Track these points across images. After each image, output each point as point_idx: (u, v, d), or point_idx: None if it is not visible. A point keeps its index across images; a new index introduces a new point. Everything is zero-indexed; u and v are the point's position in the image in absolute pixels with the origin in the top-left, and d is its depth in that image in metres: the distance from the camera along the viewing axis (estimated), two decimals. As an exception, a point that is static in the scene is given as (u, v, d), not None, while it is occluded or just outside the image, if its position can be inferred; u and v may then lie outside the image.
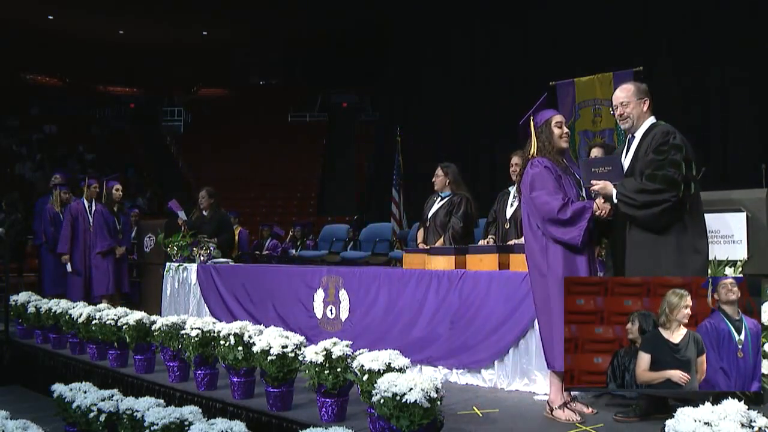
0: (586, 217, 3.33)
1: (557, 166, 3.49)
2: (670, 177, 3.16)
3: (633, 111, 3.42)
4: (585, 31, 9.32)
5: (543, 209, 3.41)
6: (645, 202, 3.18)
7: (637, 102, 3.41)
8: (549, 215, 3.38)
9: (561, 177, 3.46)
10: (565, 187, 3.44)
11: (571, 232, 3.33)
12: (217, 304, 6.22)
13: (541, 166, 3.48)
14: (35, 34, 20.64)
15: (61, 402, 4.07)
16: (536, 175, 3.48)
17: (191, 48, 22.58)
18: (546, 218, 3.40)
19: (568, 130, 3.60)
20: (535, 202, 3.46)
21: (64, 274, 7.54)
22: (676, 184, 3.16)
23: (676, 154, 3.21)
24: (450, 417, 3.26)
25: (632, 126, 3.43)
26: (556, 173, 3.45)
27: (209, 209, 7.47)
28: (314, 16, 19.19)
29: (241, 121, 23.32)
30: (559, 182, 3.43)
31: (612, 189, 3.31)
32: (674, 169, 3.18)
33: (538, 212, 3.44)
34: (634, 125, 3.43)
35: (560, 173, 3.47)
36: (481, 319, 4.29)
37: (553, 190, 3.40)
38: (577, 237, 3.32)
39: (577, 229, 3.32)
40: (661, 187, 3.16)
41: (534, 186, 3.47)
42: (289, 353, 3.61)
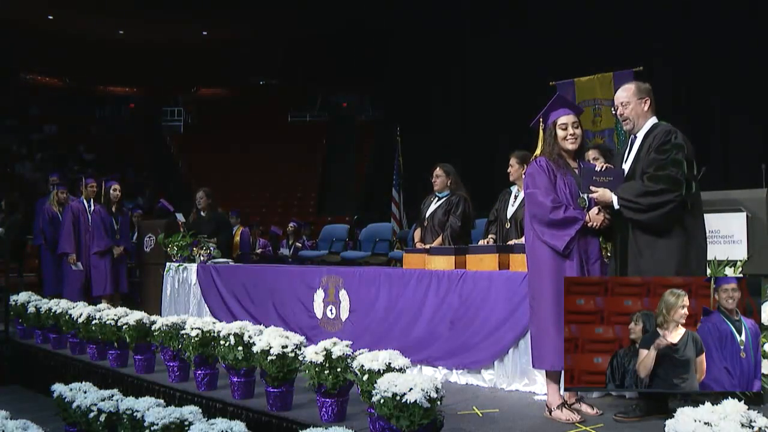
0: (575, 227, 3.37)
1: (555, 166, 3.51)
2: (673, 176, 3.15)
3: (633, 111, 3.39)
4: (585, 31, 9.32)
5: (535, 208, 3.47)
6: (650, 205, 3.16)
7: (637, 102, 3.39)
8: (541, 214, 3.44)
9: (556, 177, 3.48)
10: (558, 188, 3.46)
11: (558, 237, 3.38)
12: (217, 304, 6.22)
13: (537, 165, 3.55)
14: (35, 34, 20.62)
15: (61, 402, 4.06)
16: (530, 174, 3.56)
17: (191, 48, 22.56)
18: (537, 217, 3.46)
19: (577, 131, 3.56)
20: (530, 200, 3.53)
21: (56, 273, 7.55)
22: (679, 184, 3.14)
23: (678, 153, 3.19)
24: (450, 417, 3.26)
25: (633, 126, 3.41)
26: (551, 173, 3.48)
27: (207, 209, 7.49)
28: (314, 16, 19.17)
29: (241, 121, 23.29)
30: (552, 182, 3.46)
31: (611, 196, 3.28)
32: (677, 168, 3.16)
33: (531, 210, 3.51)
34: (636, 125, 3.41)
35: (556, 173, 3.49)
36: (481, 319, 4.29)
37: (545, 191, 3.44)
38: (560, 245, 3.37)
39: (565, 235, 3.37)
40: (664, 188, 3.14)
41: (528, 184, 3.56)
42: (289, 353, 3.61)
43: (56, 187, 8.07)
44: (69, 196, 8.02)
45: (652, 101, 3.42)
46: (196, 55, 22.88)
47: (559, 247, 3.36)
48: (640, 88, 3.44)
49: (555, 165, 3.52)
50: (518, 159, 5.19)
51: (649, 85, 3.49)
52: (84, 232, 7.41)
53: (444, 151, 10.09)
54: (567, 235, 3.36)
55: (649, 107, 3.41)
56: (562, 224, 3.38)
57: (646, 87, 3.46)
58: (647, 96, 3.41)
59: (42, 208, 8.05)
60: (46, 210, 7.90)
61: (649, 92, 3.44)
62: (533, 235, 3.50)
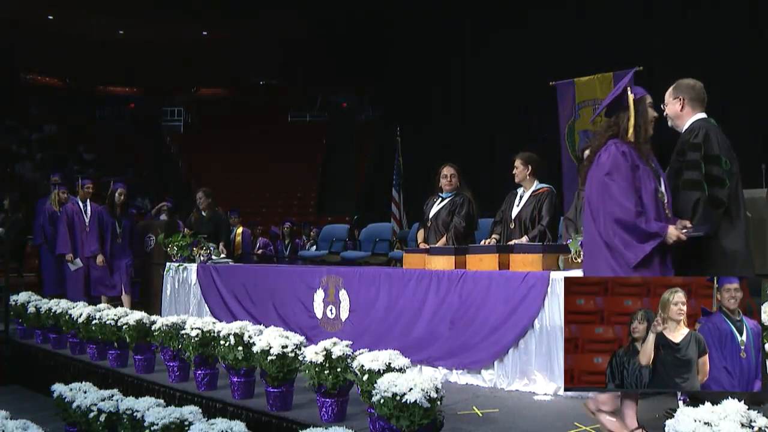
0: (652, 244, 2.90)
1: (637, 154, 2.99)
2: (690, 180, 3.08)
3: (670, 110, 3.31)
4: (585, 31, 9.31)
5: (613, 205, 2.94)
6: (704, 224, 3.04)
7: (673, 102, 3.30)
8: (619, 214, 2.92)
9: (638, 167, 2.97)
10: (641, 182, 2.96)
11: (632, 248, 2.91)
12: (217, 304, 6.22)
13: (617, 150, 2.98)
14: (35, 34, 20.62)
15: (61, 402, 4.07)
16: (611, 161, 2.98)
17: (191, 48, 22.56)
18: (613, 215, 2.94)
19: None
20: (606, 192, 2.97)
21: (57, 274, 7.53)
22: (698, 185, 3.07)
23: (693, 153, 3.12)
24: (450, 417, 3.26)
25: (673, 125, 3.31)
26: (633, 161, 2.97)
27: (207, 209, 7.50)
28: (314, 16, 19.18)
29: (241, 121, 23.31)
30: (634, 172, 2.96)
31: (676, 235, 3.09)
32: (692, 170, 3.09)
33: (607, 205, 2.96)
34: (675, 125, 3.31)
35: (638, 162, 2.98)
36: (481, 319, 4.29)
37: (627, 187, 2.93)
38: (632, 259, 2.91)
39: (640, 251, 2.90)
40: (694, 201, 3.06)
41: (608, 170, 2.98)
42: (289, 353, 3.61)
43: (57, 187, 8.08)
44: (69, 196, 8.02)
45: (692, 101, 3.25)
46: (196, 55, 22.88)
47: (631, 261, 2.92)
48: (678, 86, 3.30)
49: (638, 152, 3.00)
50: (523, 160, 5.19)
51: (693, 83, 3.30)
52: (80, 232, 7.40)
53: (444, 151, 10.09)
54: (642, 251, 2.91)
55: (686, 107, 3.26)
56: (642, 236, 2.91)
57: (685, 85, 3.30)
58: (682, 95, 3.26)
59: (42, 208, 8.05)
60: (46, 210, 7.91)
61: (689, 91, 3.27)
62: (598, 231, 3.00)
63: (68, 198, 7.94)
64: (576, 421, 3.31)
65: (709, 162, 3.11)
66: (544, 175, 5.33)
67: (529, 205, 5.15)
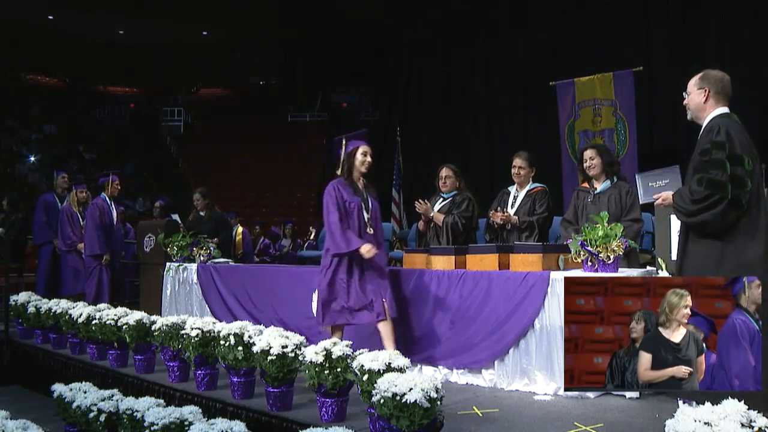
0: None
1: None
2: (713, 180, 2.99)
3: (692, 101, 3.20)
4: (585, 31, 9.30)
5: None
6: (697, 210, 3.02)
7: (697, 92, 3.17)
8: None
9: None
10: None
11: None
12: (217, 304, 6.21)
13: None
14: (35, 34, 20.65)
15: (61, 402, 4.07)
16: None
17: (191, 48, 22.59)
18: None
19: None
20: None
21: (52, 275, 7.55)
22: (721, 186, 2.98)
23: (718, 152, 3.01)
24: (450, 417, 3.25)
25: (692, 118, 3.22)
26: None
27: (206, 209, 7.49)
28: (314, 16, 19.20)
29: (241, 121, 23.32)
30: None
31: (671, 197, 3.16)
32: (717, 170, 2.99)
33: None
34: (695, 117, 3.21)
35: None
36: (481, 319, 4.29)
37: None
38: None
39: None
40: (708, 193, 2.99)
41: None
42: (289, 353, 3.61)
43: (75, 187, 7.85)
44: (89, 194, 7.82)
45: (717, 94, 3.16)
46: (196, 55, 22.91)
47: None
48: (704, 76, 3.19)
49: None
50: (527, 161, 5.22)
51: (721, 75, 3.19)
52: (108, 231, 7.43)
53: (444, 151, 10.09)
54: None
55: (710, 99, 3.15)
56: None
57: (713, 76, 3.19)
58: (708, 86, 3.15)
59: (46, 206, 8.00)
60: (64, 210, 7.67)
61: (716, 83, 3.16)
62: None
63: (88, 197, 7.78)
64: (576, 421, 3.31)
65: (733, 162, 3.02)
66: (545, 175, 5.33)
67: (525, 205, 5.18)
